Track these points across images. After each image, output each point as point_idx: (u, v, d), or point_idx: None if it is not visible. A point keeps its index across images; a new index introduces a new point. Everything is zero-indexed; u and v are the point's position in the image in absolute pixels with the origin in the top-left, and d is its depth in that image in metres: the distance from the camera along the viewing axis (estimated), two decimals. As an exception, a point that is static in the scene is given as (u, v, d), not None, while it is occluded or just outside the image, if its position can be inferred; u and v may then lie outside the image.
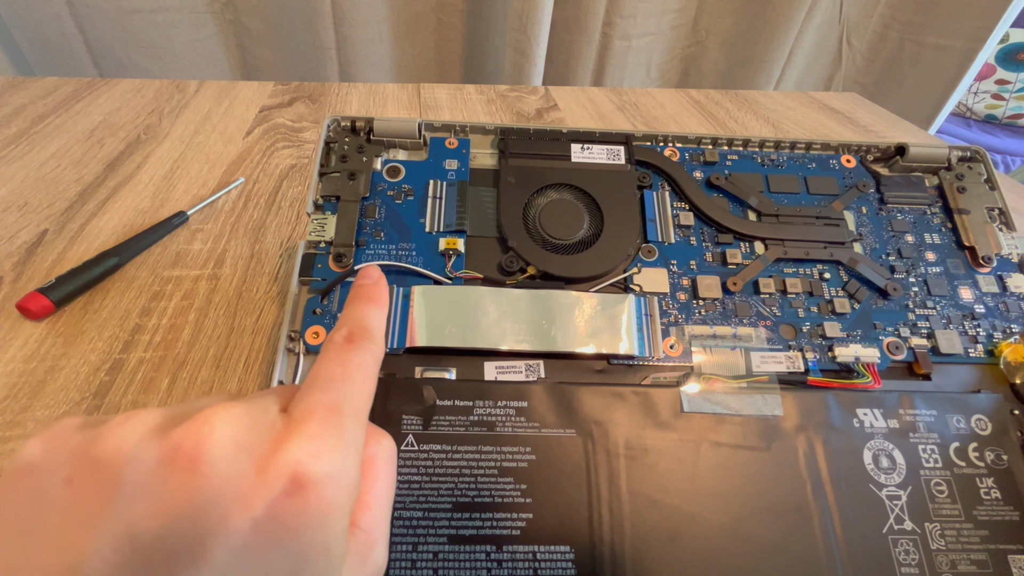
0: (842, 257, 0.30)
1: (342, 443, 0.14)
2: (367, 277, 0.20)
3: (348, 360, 0.17)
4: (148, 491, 0.12)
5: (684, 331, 0.28)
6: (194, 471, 0.13)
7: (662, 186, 0.33)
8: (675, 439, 0.25)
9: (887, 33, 1.00)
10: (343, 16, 0.84)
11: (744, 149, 0.34)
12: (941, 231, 0.32)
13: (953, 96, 0.97)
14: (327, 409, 0.15)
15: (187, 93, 0.63)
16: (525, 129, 0.33)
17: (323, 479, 0.13)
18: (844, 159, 0.34)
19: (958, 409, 0.27)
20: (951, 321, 0.30)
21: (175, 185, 0.49)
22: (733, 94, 0.76)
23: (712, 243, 0.31)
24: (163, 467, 0.13)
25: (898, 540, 0.24)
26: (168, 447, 0.13)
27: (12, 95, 0.58)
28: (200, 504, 0.12)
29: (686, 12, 1.00)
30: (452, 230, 0.30)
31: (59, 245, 0.42)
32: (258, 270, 0.41)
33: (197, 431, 0.13)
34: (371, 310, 0.19)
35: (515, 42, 0.87)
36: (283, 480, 0.13)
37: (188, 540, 0.12)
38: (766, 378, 0.27)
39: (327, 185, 0.30)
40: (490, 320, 0.27)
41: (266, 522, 0.13)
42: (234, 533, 0.12)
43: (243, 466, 0.13)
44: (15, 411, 0.31)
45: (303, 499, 0.13)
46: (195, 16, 0.82)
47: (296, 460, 0.13)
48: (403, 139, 0.32)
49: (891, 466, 0.25)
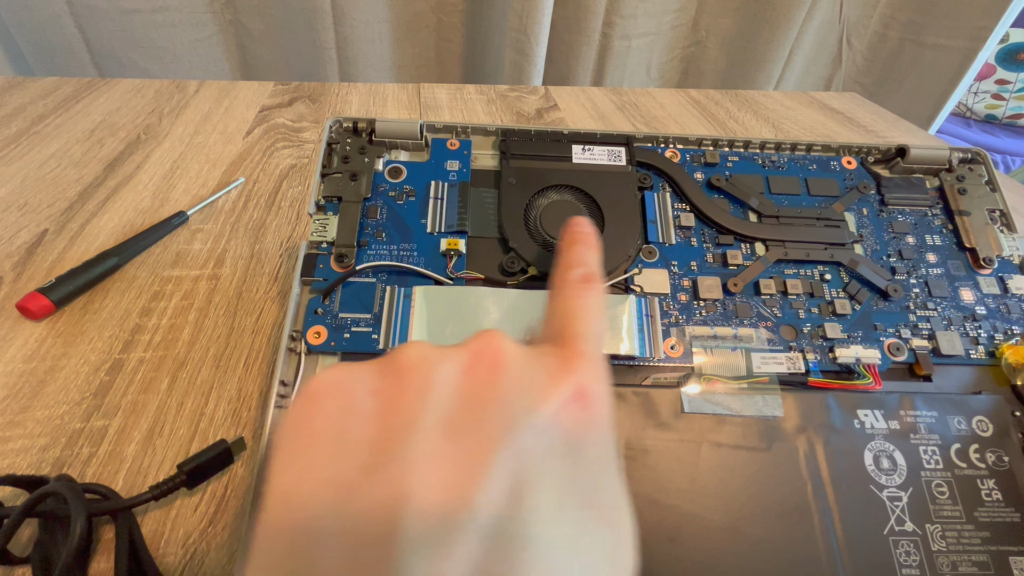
0: (843, 258, 0.30)
1: (606, 374, 0.16)
2: (583, 225, 0.21)
3: (590, 300, 0.18)
4: (458, 390, 0.14)
5: (685, 332, 0.28)
6: (499, 370, 0.14)
7: (663, 187, 0.33)
8: (675, 440, 0.25)
9: (887, 33, 1.00)
10: (343, 16, 0.84)
11: (745, 150, 0.34)
12: (942, 232, 0.32)
13: (953, 96, 0.97)
14: (595, 344, 0.16)
15: (187, 93, 0.63)
16: (526, 130, 0.33)
17: (603, 397, 0.15)
18: (845, 160, 0.34)
19: (959, 410, 0.27)
20: (952, 322, 0.29)
21: (175, 185, 0.49)
22: (733, 94, 0.76)
23: (713, 244, 0.31)
24: (470, 369, 0.14)
25: (899, 541, 0.24)
26: (469, 354, 0.15)
27: (12, 95, 0.58)
28: (507, 397, 0.14)
29: (686, 12, 1.00)
30: (453, 231, 0.30)
31: (59, 245, 0.41)
32: (258, 270, 0.41)
33: (491, 342, 0.15)
34: (593, 254, 0.20)
35: (515, 42, 0.87)
36: (572, 389, 0.14)
37: (497, 429, 0.13)
38: (767, 379, 0.27)
39: (329, 186, 0.30)
40: (491, 321, 0.27)
41: (563, 417, 0.14)
42: (539, 421, 0.13)
43: (538, 374, 0.15)
44: (15, 411, 0.31)
45: (590, 408, 0.15)
46: (195, 16, 0.82)
47: (581, 377, 0.15)
48: (405, 140, 0.32)
49: (892, 467, 0.25)
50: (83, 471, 0.29)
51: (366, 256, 0.29)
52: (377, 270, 0.29)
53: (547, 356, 0.15)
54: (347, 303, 0.28)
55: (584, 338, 0.16)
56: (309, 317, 0.27)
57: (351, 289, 0.28)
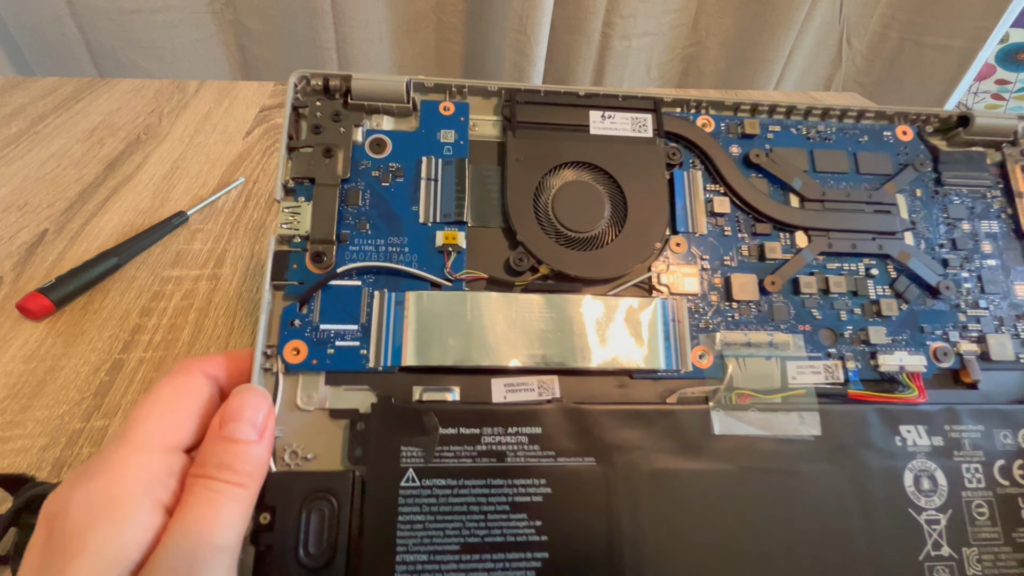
0: (892, 250, 0.27)
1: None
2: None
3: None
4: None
5: (715, 339, 0.25)
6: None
7: (693, 164, 0.28)
8: (704, 465, 0.23)
9: (887, 33, 1.00)
10: (343, 16, 0.84)
11: (787, 118, 0.30)
12: (1000, 218, 0.29)
13: (953, 96, 0.96)
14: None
15: (187, 93, 0.63)
16: (535, 90, 0.28)
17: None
18: (900, 131, 0.30)
19: (1006, 423, 0.25)
20: (1003, 323, 0.27)
21: (175, 185, 0.49)
22: (733, 94, 0.76)
23: (749, 233, 0.28)
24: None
25: (934, 567, 0.22)
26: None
27: (12, 95, 0.58)
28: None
29: (686, 12, 1.00)
30: (451, 221, 0.26)
31: (59, 245, 0.42)
32: (258, 270, 0.41)
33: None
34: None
35: (515, 42, 0.87)
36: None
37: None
38: (803, 392, 0.24)
39: (298, 164, 0.25)
40: (498, 332, 0.24)
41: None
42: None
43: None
44: (15, 411, 0.31)
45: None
46: (195, 16, 0.82)
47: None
48: (388, 103, 0.27)
49: (932, 488, 0.24)
50: (83, 470, 0.29)
51: (348, 254, 0.25)
52: (363, 271, 0.25)
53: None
54: (328, 312, 0.24)
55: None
56: (285, 330, 0.23)
57: (332, 294, 0.24)
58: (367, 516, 0.21)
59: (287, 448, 0.22)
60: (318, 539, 0.20)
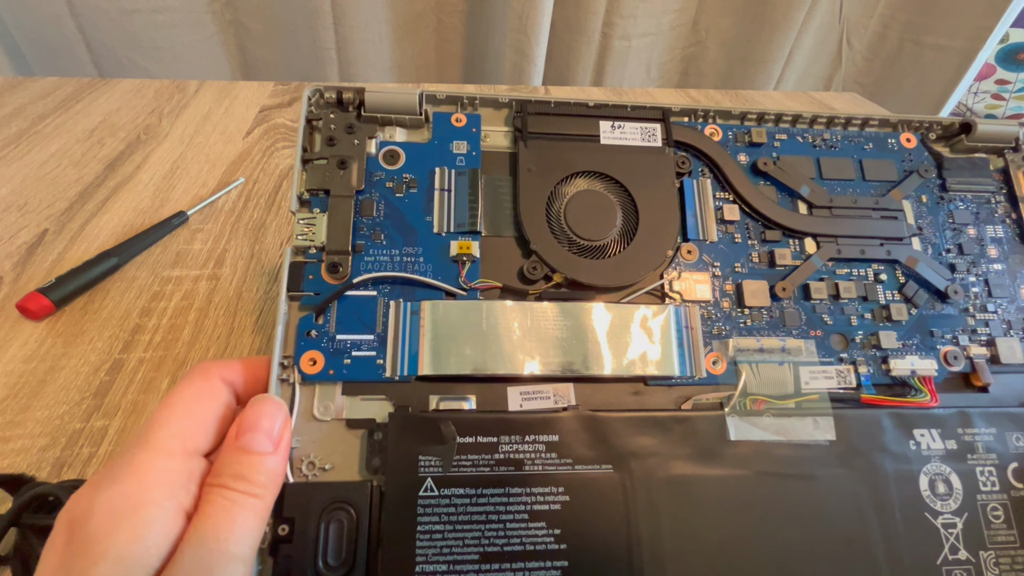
0: (900, 255, 0.28)
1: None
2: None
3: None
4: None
5: (727, 345, 0.25)
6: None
7: (702, 172, 0.29)
8: (721, 470, 0.23)
9: (887, 33, 1.00)
10: (343, 16, 0.84)
11: (793, 127, 0.31)
12: (1004, 223, 0.30)
13: (953, 96, 0.97)
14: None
15: (187, 93, 0.62)
16: (545, 102, 0.29)
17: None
18: (904, 138, 0.31)
19: (1018, 426, 0.25)
20: (1011, 326, 0.28)
21: (175, 185, 0.48)
22: (733, 94, 0.76)
23: (759, 240, 0.28)
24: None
25: (952, 571, 0.22)
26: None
27: (12, 95, 0.58)
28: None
29: (686, 12, 1.00)
30: (465, 230, 0.26)
31: (59, 245, 0.41)
32: (258, 270, 0.41)
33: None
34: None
35: (515, 42, 0.87)
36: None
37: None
38: (817, 396, 0.25)
39: (313, 176, 0.26)
40: (513, 341, 0.24)
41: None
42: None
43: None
44: (15, 411, 0.31)
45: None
46: (195, 16, 0.82)
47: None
48: (401, 115, 0.28)
49: (947, 492, 0.24)
50: (83, 471, 0.29)
51: (363, 264, 0.25)
52: (378, 281, 0.25)
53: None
54: (345, 322, 0.24)
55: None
56: (301, 340, 0.23)
57: (349, 305, 0.24)
58: (385, 526, 0.20)
59: (305, 459, 0.22)
60: (337, 550, 0.20)
